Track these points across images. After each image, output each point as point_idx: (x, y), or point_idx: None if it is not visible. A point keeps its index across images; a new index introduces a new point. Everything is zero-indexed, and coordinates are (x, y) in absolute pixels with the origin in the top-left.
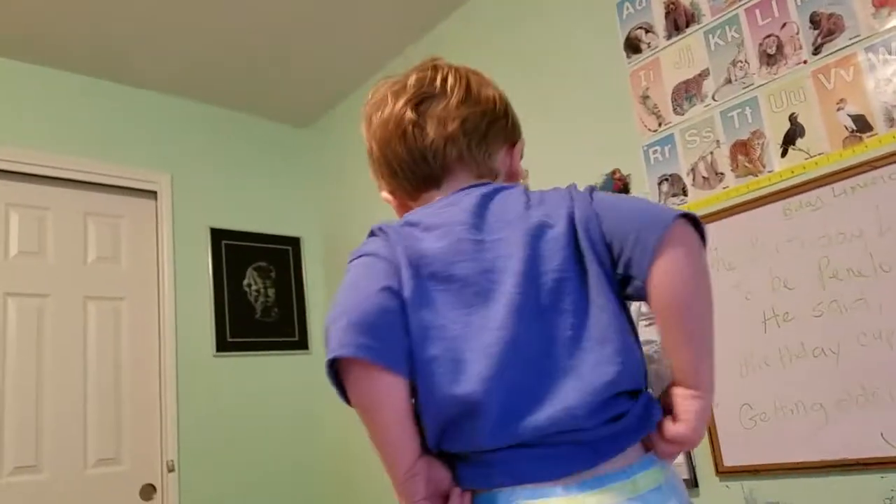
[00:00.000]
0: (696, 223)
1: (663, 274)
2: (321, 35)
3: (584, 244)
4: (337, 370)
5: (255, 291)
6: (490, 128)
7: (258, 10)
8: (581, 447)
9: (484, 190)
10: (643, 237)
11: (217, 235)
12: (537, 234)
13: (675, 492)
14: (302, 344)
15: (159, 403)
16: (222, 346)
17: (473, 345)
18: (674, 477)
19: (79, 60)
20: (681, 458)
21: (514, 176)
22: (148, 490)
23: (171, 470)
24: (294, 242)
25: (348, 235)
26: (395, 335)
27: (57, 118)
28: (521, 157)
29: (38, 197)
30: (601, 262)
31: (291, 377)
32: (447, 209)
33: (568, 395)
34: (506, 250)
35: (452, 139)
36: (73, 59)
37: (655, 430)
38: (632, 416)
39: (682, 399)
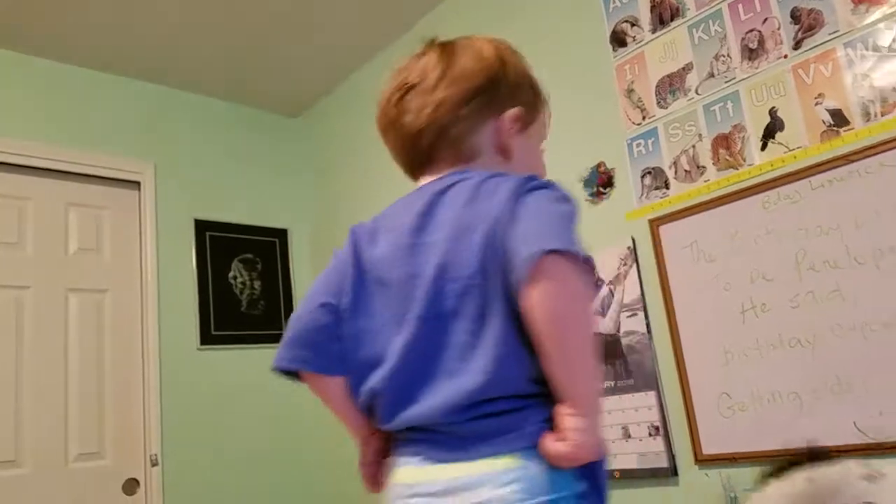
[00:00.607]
0: (572, 255)
1: (532, 305)
2: (310, 24)
3: (489, 252)
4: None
5: (241, 284)
6: (466, 106)
7: None
8: (442, 438)
9: (438, 186)
10: (519, 264)
11: (202, 227)
12: (458, 237)
13: (522, 482)
14: None
15: (142, 397)
16: (207, 338)
17: (391, 346)
18: (540, 475)
19: (61, 49)
20: (661, 446)
21: (503, 149)
22: (131, 484)
23: (154, 464)
24: (281, 234)
25: (336, 227)
26: (328, 346)
27: (38, 107)
28: (527, 122)
29: (19, 187)
30: (503, 270)
31: None
32: (402, 210)
33: (437, 396)
34: (430, 254)
35: (427, 128)
36: (56, 48)
37: (532, 439)
38: (499, 420)
39: (560, 416)
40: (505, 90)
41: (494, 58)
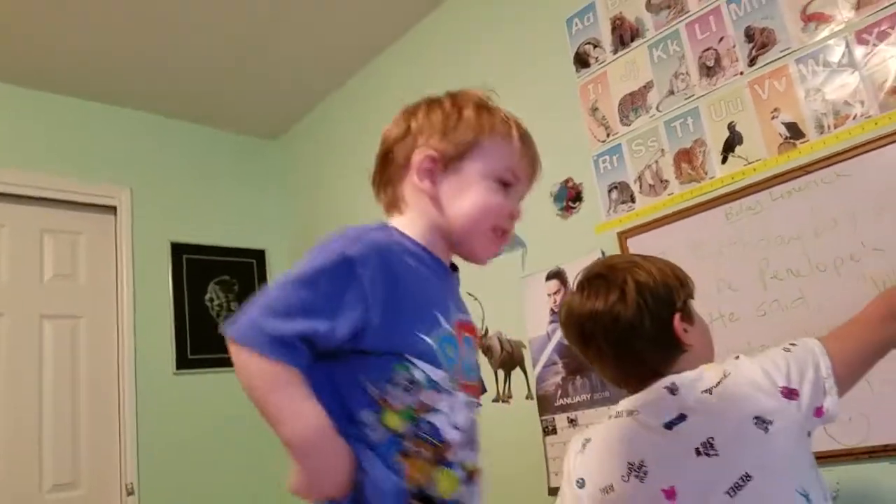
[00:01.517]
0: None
1: None
2: (285, 48)
3: None
4: None
5: (217, 306)
6: (383, 164)
7: (220, 22)
8: None
9: None
10: None
11: (178, 250)
12: None
13: None
14: None
15: (118, 424)
16: (182, 363)
17: None
18: None
19: (34, 76)
20: None
21: (420, 191)
22: None
23: (130, 493)
24: (258, 255)
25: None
26: None
27: (11, 133)
28: (451, 159)
29: None
30: None
31: None
32: None
33: None
34: None
35: (376, 196)
36: (29, 75)
37: None
38: None
39: None
40: (400, 149)
41: (401, 114)
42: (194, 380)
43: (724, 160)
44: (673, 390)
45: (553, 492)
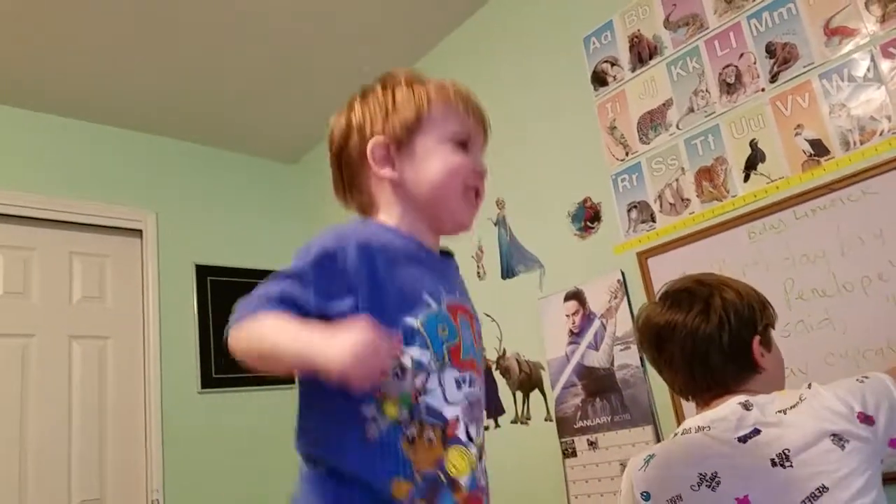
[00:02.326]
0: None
1: None
2: (306, 72)
3: None
4: None
5: None
6: (339, 167)
7: (243, 49)
8: None
9: None
10: None
11: (202, 272)
12: None
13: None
14: (289, 378)
15: (144, 441)
16: (207, 382)
17: None
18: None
19: (63, 103)
20: None
21: (381, 178)
22: None
23: None
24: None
25: None
26: None
27: (42, 160)
28: (402, 139)
29: (24, 238)
30: None
31: (278, 412)
32: None
33: None
34: None
35: (344, 206)
36: (58, 102)
37: None
38: None
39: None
40: (353, 140)
41: (338, 113)
42: (219, 398)
43: (747, 178)
44: (747, 406)
45: None
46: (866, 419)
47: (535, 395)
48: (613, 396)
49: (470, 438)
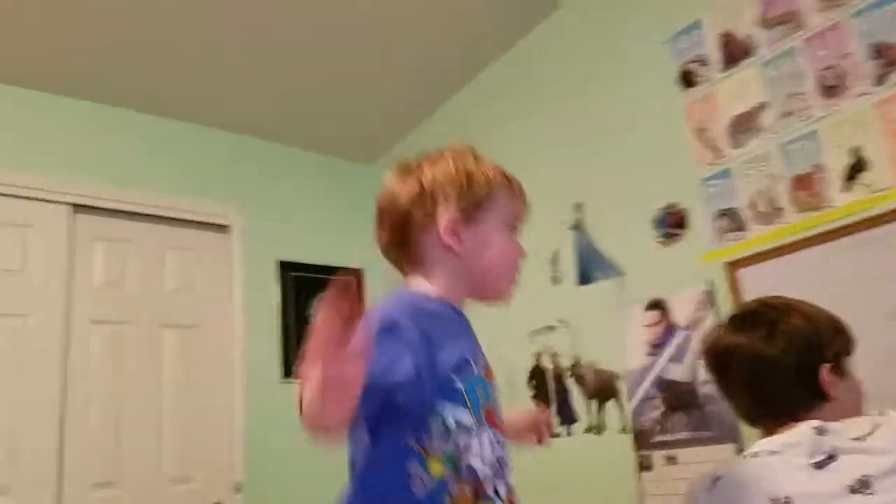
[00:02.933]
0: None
1: None
2: (385, 75)
3: None
4: None
5: None
6: (398, 228)
7: (325, 57)
8: None
9: None
10: None
11: (285, 267)
12: None
13: None
14: None
15: (228, 426)
16: (288, 371)
17: None
18: None
19: (162, 104)
20: None
21: (446, 248)
22: None
23: (238, 490)
24: (357, 274)
25: None
26: None
27: (139, 158)
28: (471, 215)
29: (121, 231)
30: None
31: None
32: None
33: None
34: None
35: (383, 252)
36: (157, 104)
37: None
38: None
39: None
40: (426, 202)
41: (401, 174)
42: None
43: (848, 188)
44: (822, 431)
45: None
46: None
47: (611, 404)
48: (695, 412)
49: (497, 495)
